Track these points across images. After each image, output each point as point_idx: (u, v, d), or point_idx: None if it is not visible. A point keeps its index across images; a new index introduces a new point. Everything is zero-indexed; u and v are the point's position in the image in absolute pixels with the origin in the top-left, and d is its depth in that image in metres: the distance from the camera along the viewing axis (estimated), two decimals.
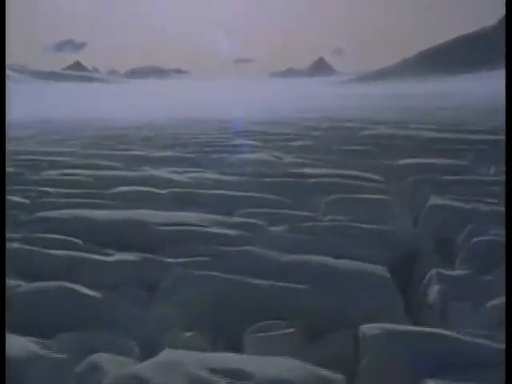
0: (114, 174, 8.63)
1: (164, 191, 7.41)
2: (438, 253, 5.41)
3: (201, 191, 7.26)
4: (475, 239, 5.17)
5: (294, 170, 8.17)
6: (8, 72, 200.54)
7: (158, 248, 5.36)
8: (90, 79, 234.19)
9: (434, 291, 4.35)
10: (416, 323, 4.39)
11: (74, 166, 10.13)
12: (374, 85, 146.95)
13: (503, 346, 3.40)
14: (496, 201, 6.47)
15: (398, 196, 7.04)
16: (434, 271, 4.53)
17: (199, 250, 5.04)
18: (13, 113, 31.26)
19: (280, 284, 4.27)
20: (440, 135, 12.17)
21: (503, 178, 7.71)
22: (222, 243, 5.23)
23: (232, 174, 8.26)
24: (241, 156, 9.93)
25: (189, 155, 10.59)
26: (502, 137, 11.79)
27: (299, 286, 4.25)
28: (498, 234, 5.19)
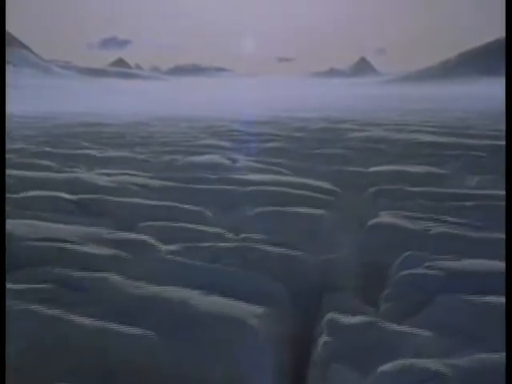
0: (36, 176, 7.84)
1: (74, 197, 6.57)
2: (363, 289, 4.44)
3: (114, 199, 6.40)
4: (404, 272, 4.19)
5: (236, 176, 7.25)
6: (54, 68, 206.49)
7: (16, 269, 4.50)
8: (131, 76, 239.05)
9: (320, 345, 3.39)
10: None
11: (9, 166, 9.39)
12: (408, 86, 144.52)
13: None
14: (458, 220, 5.45)
15: (346, 210, 6.06)
16: (327, 317, 3.56)
17: (47, 275, 4.17)
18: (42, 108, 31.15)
19: (114, 327, 3.36)
20: (437, 139, 11.09)
21: (484, 191, 6.71)
22: (86, 266, 4.36)
23: (165, 178, 7.38)
24: (192, 158, 9.05)
25: (140, 156, 9.75)
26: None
27: (137, 332, 3.34)
28: (434, 266, 4.19)
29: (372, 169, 7.96)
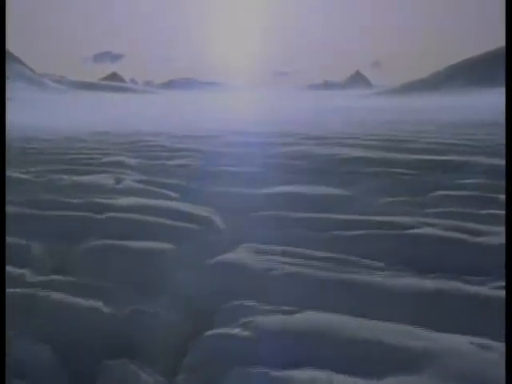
0: None
1: None
2: (169, 353, 3.59)
3: None
4: (209, 332, 3.34)
5: (102, 201, 6.41)
6: (48, 82, 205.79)
7: None
8: (124, 89, 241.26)
9: None
10: None
11: None
12: (395, 99, 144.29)
13: None
14: (327, 254, 4.63)
15: (205, 243, 5.24)
16: None
17: None
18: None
19: None
20: (367, 154, 10.31)
21: (383, 217, 5.94)
22: None
23: (24, 203, 6.53)
24: (77, 178, 8.17)
25: (24, 176, 8.85)
26: (450, 157, 10.04)
27: None
28: (250, 323, 3.34)
29: (266, 190, 7.15)
